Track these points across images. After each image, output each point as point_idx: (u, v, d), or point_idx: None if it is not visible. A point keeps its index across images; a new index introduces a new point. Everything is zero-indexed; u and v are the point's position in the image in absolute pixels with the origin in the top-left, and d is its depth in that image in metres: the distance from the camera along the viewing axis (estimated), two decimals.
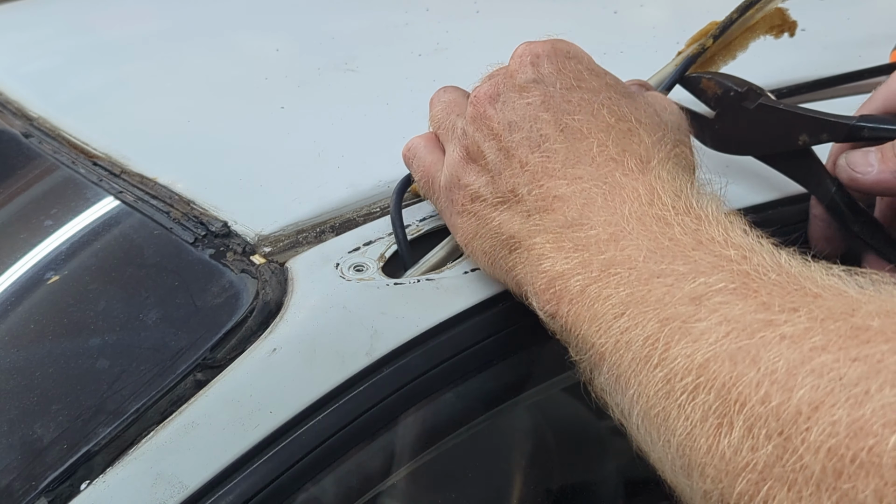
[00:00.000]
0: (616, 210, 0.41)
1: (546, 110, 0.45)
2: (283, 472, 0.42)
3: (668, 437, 0.34)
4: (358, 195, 0.56)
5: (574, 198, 0.42)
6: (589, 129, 0.44)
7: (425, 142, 0.52)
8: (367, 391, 0.45)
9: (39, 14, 1.03)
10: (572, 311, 0.40)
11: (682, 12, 0.92)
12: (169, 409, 0.43)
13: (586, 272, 0.40)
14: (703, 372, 0.33)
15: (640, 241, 0.39)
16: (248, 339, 0.46)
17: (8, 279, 0.57)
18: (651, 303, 0.37)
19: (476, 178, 0.46)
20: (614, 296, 0.38)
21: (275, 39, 0.88)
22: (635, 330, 0.37)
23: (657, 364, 0.35)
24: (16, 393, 0.47)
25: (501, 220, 0.45)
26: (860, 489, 0.27)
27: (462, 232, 0.48)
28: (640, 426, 0.37)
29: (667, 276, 0.37)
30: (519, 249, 0.44)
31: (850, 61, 0.68)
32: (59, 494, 0.41)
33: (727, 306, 0.34)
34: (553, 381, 0.54)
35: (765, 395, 0.31)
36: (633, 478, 0.63)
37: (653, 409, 0.35)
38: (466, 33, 0.85)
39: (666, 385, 0.34)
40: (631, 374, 0.36)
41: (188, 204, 0.57)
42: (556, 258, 0.41)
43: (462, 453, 0.52)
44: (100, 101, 0.76)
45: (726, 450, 0.31)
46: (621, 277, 0.38)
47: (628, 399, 0.37)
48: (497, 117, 0.46)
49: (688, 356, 0.34)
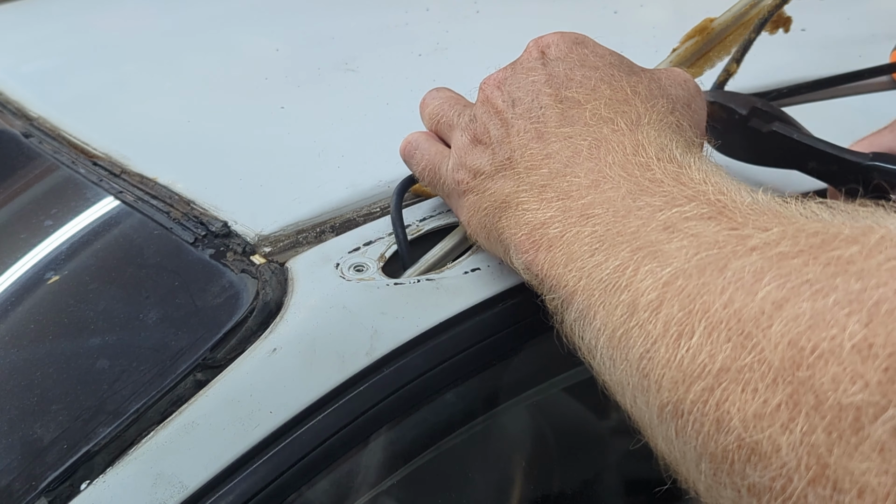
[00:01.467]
0: (601, 159, 0.42)
1: (549, 87, 0.46)
2: (283, 472, 0.42)
3: (629, 357, 0.34)
4: (358, 195, 0.56)
5: (562, 152, 0.43)
6: (586, 98, 0.45)
7: (425, 136, 0.53)
8: (367, 391, 0.45)
9: (39, 14, 1.03)
10: (549, 256, 0.41)
11: (682, 12, 0.92)
12: (169, 409, 0.43)
13: (565, 217, 0.41)
14: (668, 288, 0.33)
15: (619, 182, 0.40)
16: (248, 339, 0.46)
17: (8, 279, 0.57)
18: (626, 235, 0.37)
19: (480, 155, 0.47)
20: (590, 234, 0.39)
21: (275, 39, 0.88)
22: (606, 262, 0.37)
23: (624, 287, 0.35)
24: (16, 393, 0.47)
25: (496, 187, 0.46)
26: (817, 377, 0.27)
27: (465, 212, 0.49)
28: (604, 355, 0.37)
29: (642, 209, 0.38)
30: (508, 211, 0.45)
31: (850, 61, 0.68)
32: (59, 494, 0.41)
33: (699, 229, 0.34)
34: (553, 381, 0.54)
35: (728, 300, 0.30)
36: (633, 478, 0.63)
37: (616, 331, 0.35)
38: (466, 33, 0.85)
39: (630, 307, 0.34)
40: (599, 304, 0.37)
41: (188, 204, 0.57)
42: (538, 209, 0.42)
43: (462, 454, 0.52)
44: (100, 101, 0.76)
45: (684, 357, 0.31)
46: (598, 218, 0.39)
47: (594, 330, 0.37)
48: (502, 97, 0.47)
49: (654, 275, 0.34)
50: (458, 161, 0.49)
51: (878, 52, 0.70)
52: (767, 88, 0.65)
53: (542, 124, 0.45)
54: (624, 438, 0.63)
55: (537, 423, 0.57)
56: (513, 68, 0.49)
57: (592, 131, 0.43)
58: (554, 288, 0.40)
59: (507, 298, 0.49)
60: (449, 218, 0.54)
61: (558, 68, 0.47)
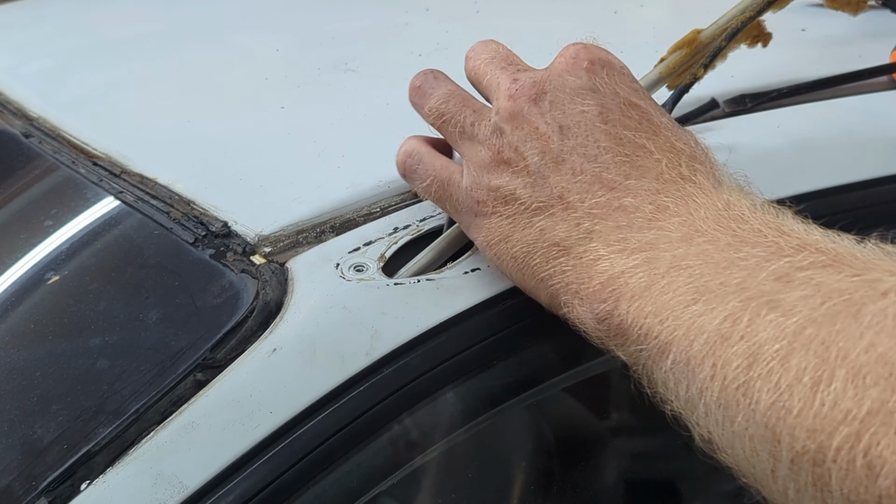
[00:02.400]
0: (691, 213, 0.40)
1: (604, 122, 0.43)
2: (283, 472, 0.42)
3: (751, 409, 0.33)
4: (358, 195, 0.56)
5: (642, 207, 0.41)
6: (654, 146, 0.42)
7: (426, 145, 0.50)
8: (367, 391, 0.45)
9: (39, 14, 1.03)
10: (633, 307, 0.38)
11: (681, 12, 0.92)
12: (169, 409, 0.43)
13: (651, 269, 0.38)
14: (797, 337, 0.32)
15: (716, 235, 0.38)
16: (248, 339, 0.46)
17: (8, 279, 0.57)
18: (730, 286, 0.35)
19: (510, 179, 0.44)
20: (685, 286, 0.37)
21: (275, 39, 0.88)
22: (711, 313, 0.35)
23: (739, 338, 0.34)
24: (16, 393, 0.47)
25: (543, 226, 0.43)
26: None
27: (487, 234, 0.46)
28: (711, 410, 0.35)
29: (745, 259, 0.36)
30: (564, 256, 0.42)
31: (850, 61, 0.68)
32: (59, 494, 0.41)
33: (820, 277, 0.33)
34: (553, 382, 0.54)
35: (869, 344, 0.30)
36: (633, 478, 0.63)
37: (731, 384, 0.34)
38: (466, 33, 0.85)
39: (750, 358, 0.33)
40: (704, 356, 0.35)
41: (188, 204, 0.57)
42: (616, 259, 0.40)
43: (462, 454, 0.52)
44: (100, 101, 0.76)
45: (823, 405, 0.30)
46: (694, 269, 0.37)
47: (698, 383, 0.35)
48: (544, 119, 0.43)
49: (778, 325, 0.33)
50: (477, 180, 0.45)
51: (878, 52, 0.70)
52: (767, 88, 0.65)
53: (603, 168, 0.42)
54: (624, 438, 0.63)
55: (538, 424, 0.57)
56: (550, 82, 0.44)
57: (674, 189, 0.41)
58: (640, 339, 0.38)
59: (507, 298, 0.49)
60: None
61: (611, 101, 0.43)
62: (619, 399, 0.60)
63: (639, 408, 0.60)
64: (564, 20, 0.88)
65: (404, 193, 0.56)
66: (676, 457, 0.62)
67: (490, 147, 0.45)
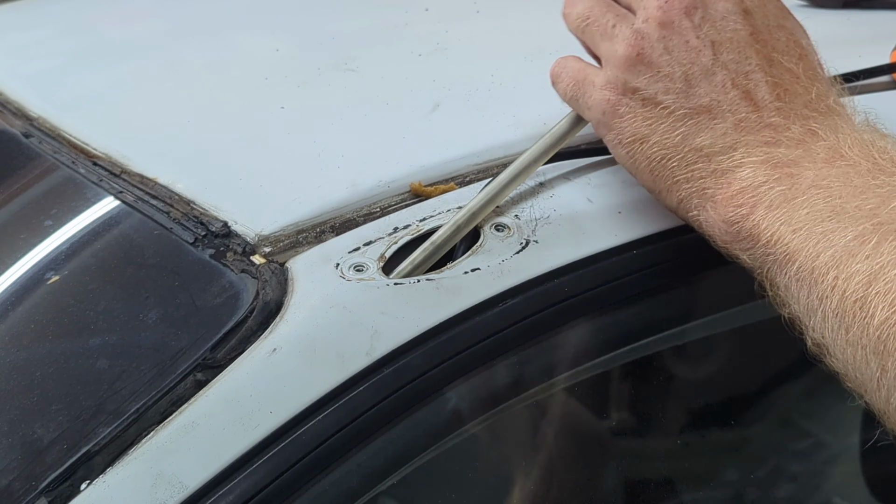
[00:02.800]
0: (838, 139, 0.42)
1: (755, 42, 0.45)
2: (283, 472, 0.42)
3: (865, 323, 0.36)
4: (358, 195, 0.56)
5: (792, 128, 0.44)
6: (802, 71, 0.45)
7: (574, 57, 0.52)
8: (367, 391, 0.45)
9: (39, 14, 1.03)
10: (770, 215, 0.41)
11: None
12: (169, 409, 0.43)
13: (794, 183, 0.41)
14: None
15: (858, 161, 0.41)
16: (248, 339, 0.46)
17: (8, 279, 0.57)
18: (864, 210, 0.38)
19: (652, 82, 0.46)
20: (822, 203, 0.40)
21: (275, 39, 0.88)
22: (843, 231, 0.38)
23: (865, 258, 0.37)
24: (16, 393, 0.47)
25: (687, 132, 0.45)
26: None
27: (619, 133, 0.47)
28: (828, 318, 0.38)
29: (882, 187, 0.39)
30: (704, 162, 0.44)
31: (850, 61, 0.68)
32: (59, 494, 0.41)
33: None
34: (553, 382, 0.54)
35: None
36: (634, 478, 0.63)
37: (850, 297, 0.37)
38: (466, 33, 0.85)
39: (871, 276, 0.36)
40: (829, 268, 0.38)
41: (188, 204, 0.57)
42: (759, 169, 0.43)
43: (462, 454, 0.52)
44: (100, 101, 0.76)
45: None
46: (833, 190, 0.40)
47: (819, 291, 0.38)
48: (696, 32, 0.46)
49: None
50: (613, 76, 0.47)
51: (878, 52, 0.70)
52: None
53: (754, 86, 0.44)
54: (624, 438, 0.63)
55: (538, 424, 0.57)
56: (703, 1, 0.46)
57: (824, 118, 0.44)
58: (769, 244, 0.41)
59: (507, 298, 0.49)
60: (448, 217, 0.54)
61: (761, 23, 0.46)
62: (619, 399, 0.60)
63: (637, 409, 0.60)
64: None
65: (404, 193, 0.56)
66: (672, 456, 0.62)
67: (631, 46, 0.47)
